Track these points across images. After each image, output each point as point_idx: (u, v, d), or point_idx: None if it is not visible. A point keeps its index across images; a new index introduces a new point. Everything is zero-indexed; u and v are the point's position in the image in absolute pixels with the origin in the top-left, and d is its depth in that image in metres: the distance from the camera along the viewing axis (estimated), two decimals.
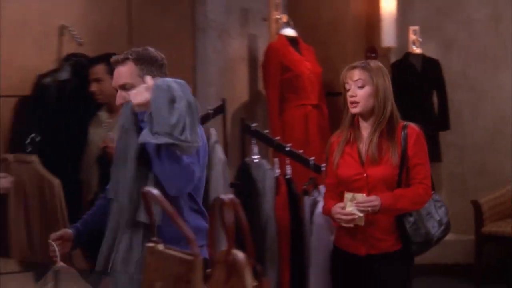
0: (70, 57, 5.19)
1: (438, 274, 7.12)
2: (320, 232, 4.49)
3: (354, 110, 3.69)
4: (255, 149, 4.64)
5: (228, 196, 2.05)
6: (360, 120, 3.74)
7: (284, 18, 5.81)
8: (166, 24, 5.73)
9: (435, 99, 7.36)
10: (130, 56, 3.41)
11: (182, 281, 1.92)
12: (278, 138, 4.77)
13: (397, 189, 3.67)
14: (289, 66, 5.62)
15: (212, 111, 4.77)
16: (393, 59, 6.58)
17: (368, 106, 3.67)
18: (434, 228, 3.81)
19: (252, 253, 2.06)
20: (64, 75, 5.12)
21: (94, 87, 4.92)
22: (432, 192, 3.80)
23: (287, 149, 4.59)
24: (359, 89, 3.66)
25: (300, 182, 4.65)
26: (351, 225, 3.64)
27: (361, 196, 3.63)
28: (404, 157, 3.67)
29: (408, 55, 7.29)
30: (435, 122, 7.34)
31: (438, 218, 3.85)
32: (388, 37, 5.91)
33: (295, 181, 4.65)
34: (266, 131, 5.01)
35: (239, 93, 5.92)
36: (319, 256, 4.48)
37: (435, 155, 7.42)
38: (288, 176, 4.61)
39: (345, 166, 3.74)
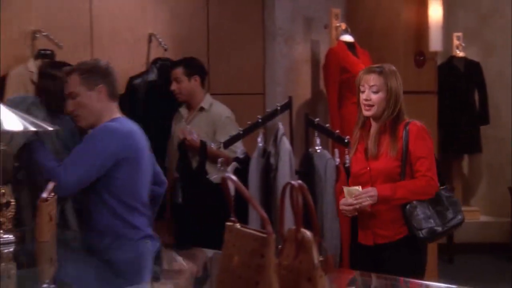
0: (156, 61, 5.23)
1: (478, 252, 7.03)
2: None
3: (367, 113, 3.55)
4: (318, 140, 4.61)
5: (297, 181, 2.03)
6: (371, 120, 3.61)
7: (343, 25, 5.77)
8: (239, 31, 5.73)
9: (476, 97, 7.27)
10: (75, 68, 3.41)
11: (257, 256, 1.91)
12: (337, 131, 4.73)
13: (393, 182, 3.50)
14: (347, 68, 5.58)
15: (279, 108, 4.76)
16: (439, 62, 6.49)
17: (381, 109, 3.53)
18: (444, 219, 3.53)
19: (318, 232, 2.03)
20: (152, 76, 5.16)
21: (173, 86, 4.96)
22: (443, 187, 3.58)
23: (346, 141, 4.55)
24: (373, 94, 3.52)
25: None
26: (356, 213, 3.53)
27: (355, 189, 3.49)
28: (406, 152, 3.49)
29: (452, 58, 7.19)
30: (477, 117, 7.26)
31: (448, 209, 3.56)
32: (435, 42, 5.82)
33: None
34: (327, 125, 4.98)
35: (303, 92, 5.89)
36: None
37: (476, 147, 7.31)
38: (347, 165, 4.58)
39: (355, 162, 3.65)
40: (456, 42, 7.18)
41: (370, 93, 3.52)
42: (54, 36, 4.76)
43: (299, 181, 2.04)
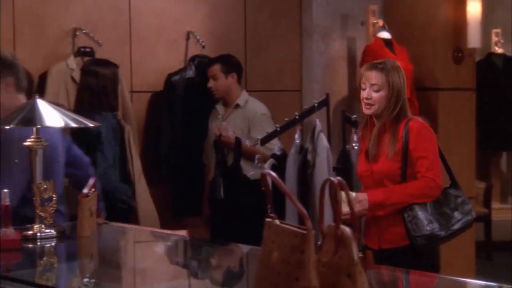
0: (194, 58, 5.26)
1: None
2: None
3: (367, 111, 3.35)
4: (355, 137, 4.60)
5: (336, 178, 2.03)
6: (374, 118, 3.39)
7: (380, 22, 5.73)
8: (277, 28, 5.73)
9: None
10: None
11: (297, 252, 1.91)
12: None
13: (394, 185, 3.27)
14: None
15: (317, 104, 4.75)
16: (477, 58, 6.41)
17: (381, 108, 3.32)
18: (448, 222, 3.29)
19: (357, 228, 2.03)
20: (190, 73, 5.19)
21: (211, 83, 4.98)
22: (448, 186, 3.34)
23: None
24: (374, 92, 3.31)
25: None
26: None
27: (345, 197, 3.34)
28: (406, 152, 3.27)
29: (491, 55, 7.12)
30: None
31: (454, 211, 3.32)
32: (473, 39, 5.75)
33: None
34: None
35: (339, 89, 5.87)
36: None
37: None
38: None
39: (360, 163, 3.46)
40: (494, 38, 7.10)
41: (371, 92, 3.32)
42: (93, 34, 4.81)
43: (339, 178, 2.04)
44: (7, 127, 3.19)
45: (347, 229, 1.96)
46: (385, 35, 5.69)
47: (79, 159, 3.73)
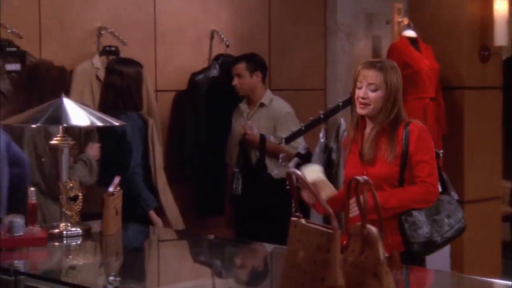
0: (218, 57, 5.26)
1: None
2: None
3: (362, 111, 3.19)
4: None
5: (362, 177, 2.03)
6: (367, 119, 3.24)
7: (406, 21, 5.71)
8: (301, 28, 5.72)
9: None
10: None
11: (323, 251, 1.91)
12: None
13: (393, 189, 3.13)
14: (410, 63, 5.52)
15: (341, 103, 4.74)
16: (504, 57, 6.36)
17: (377, 108, 3.17)
18: (442, 228, 3.15)
19: (383, 228, 2.03)
20: (214, 72, 5.20)
21: (235, 81, 4.99)
22: (444, 192, 3.24)
23: None
24: (371, 92, 3.15)
25: None
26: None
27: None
28: (406, 155, 3.13)
29: None
30: None
31: (447, 218, 3.19)
32: (500, 37, 5.70)
33: None
34: None
35: None
36: None
37: None
38: None
39: (350, 165, 3.26)
40: None
41: (368, 91, 3.16)
42: (118, 33, 4.83)
43: (365, 177, 2.04)
44: (34, 126, 3.22)
45: (373, 229, 1.95)
46: (411, 33, 5.66)
47: (18, 157, 3.63)
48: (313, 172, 3.15)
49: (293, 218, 2.07)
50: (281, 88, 5.49)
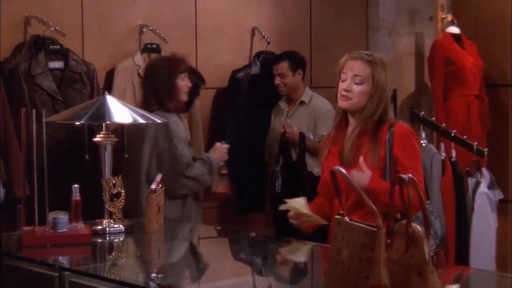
0: (259, 54, 5.27)
1: None
2: (481, 210, 4.38)
3: (342, 104, 2.94)
4: (423, 134, 4.55)
5: (407, 175, 2.02)
6: (349, 116, 3.00)
7: (449, 17, 5.66)
8: (342, 24, 5.70)
9: None
10: None
11: (367, 249, 1.91)
12: (443, 124, 4.65)
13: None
14: (453, 60, 5.48)
15: None
16: None
17: (360, 104, 2.92)
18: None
19: (429, 226, 2.02)
20: (255, 69, 5.21)
21: (278, 80, 4.99)
22: (428, 201, 3.12)
23: (453, 134, 4.47)
24: (356, 85, 2.91)
25: (463, 164, 4.54)
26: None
27: (298, 203, 2.97)
28: (390, 159, 2.90)
29: None
30: None
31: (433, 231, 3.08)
32: None
33: (459, 164, 4.53)
34: (433, 118, 4.90)
35: (407, 85, 5.82)
36: (480, 231, 4.37)
37: None
38: (453, 159, 4.50)
39: (328, 167, 2.90)
40: None
41: (352, 84, 2.91)
42: (160, 30, 4.87)
43: (410, 175, 2.03)
44: (77, 123, 3.27)
45: (418, 228, 1.95)
46: (454, 30, 5.62)
47: None
48: (295, 206, 3.00)
49: (336, 216, 2.07)
50: (322, 85, 5.48)
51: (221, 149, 4.17)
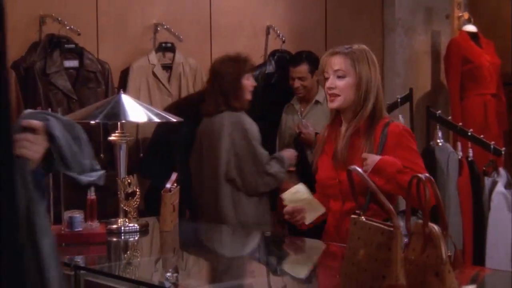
0: (274, 53, 5.27)
1: None
2: (498, 209, 4.36)
3: (332, 104, 2.86)
4: (439, 133, 4.54)
5: (424, 174, 2.02)
6: (342, 116, 2.92)
7: (466, 15, 5.64)
8: (358, 24, 5.69)
9: None
10: None
11: (384, 249, 1.90)
12: (460, 123, 4.64)
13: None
14: (470, 58, 5.46)
15: (400, 100, 4.71)
16: None
17: (349, 99, 2.83)
18: None
19: (446, 226, 2.01)
20: (269, 68, 5.21)
21: (297, 83, 4.94)
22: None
23: (469, 133, 4.45)
24: (338, 79, 2.82)
25: (480, 164, 4.52)
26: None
27: (299, 190, 2.91)
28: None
29: None
30: None
31: None
32: None
33: (476, 163, 4.52)
34: (449, 117, 4.89)
35: (423, 84, 5.80)
36: (497, 230, 4.34)
37: None
38: (470, 159, 4.48)
39: (321, 167, 2.92)
40: None
41: (335, 79, 2.82)
42: (174, 29, 4.88)
43: (427, 174, 2.02)
44: (92, 122, 3.28)
45: (435, 227, 1.94)
46: (471, 28, 5.60)
47: None
48: (294, 195, 2.93)
49: (353, 216, 2.07)
50: None
51: (291, 153, 4.29)
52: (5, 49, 0.92)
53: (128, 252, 3.22)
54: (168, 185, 3.31)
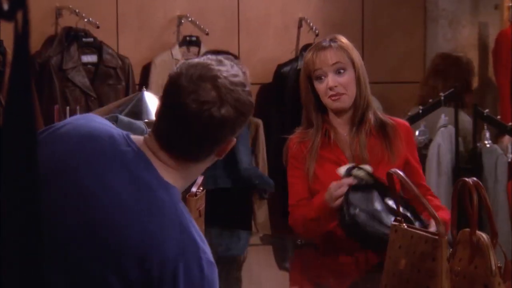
0: (307, 47, 5.27)
1: None
2: None
3: (339, 104, 2.69)
4: (487, 134, 4.52)
5: (472, 178, 2.01)
6: (332, 116, 2.75)
7: None
8: (398, 14, 5.68)
9: None
10: None
11: (428, 259, 1.90)
12: (510, 123, 4.60)
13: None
14: None
15: (443, 98, 4.69)
16: None
17: (353, 96, 2.70)
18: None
19: (495, 234, 2.00)
20: (301, 64, 5.19)
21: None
22: None
23: None
24: (339, 76, 2.66)
25: None
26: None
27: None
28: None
29: None
30: None
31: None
32: None
33: None
34: (498, 117, 4.86)
35: None
36: None
37: None
38: None
39: (328, 176, 2.66)
40: None
41: (335, 76, 2.66)
42: (200, 22, 4.91)
43: (474, 178, 2.02)
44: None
45: (484, 236, 1.93)
46: None
47: None
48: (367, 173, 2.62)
49: (393, 223, 2.07)
50: (375, 81, 5.41)
51: None
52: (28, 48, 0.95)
53: None
54: (193, 189, 3.32)
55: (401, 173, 2.03)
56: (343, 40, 2.74)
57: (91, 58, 4.40)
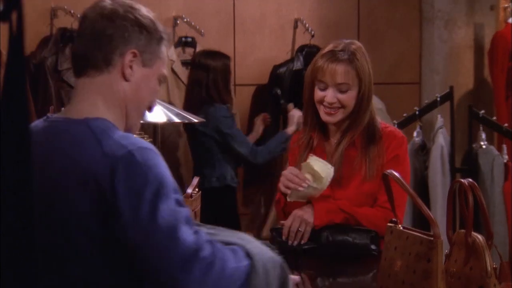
0: (302, 48, 5.28)
1: None
2: None
3: (329, 118, 2.67)
4: (483, 135, 4.53)
5: (467, 179, 2.02)
6: (330, 126, 2.75)
7: None
8: (393, 15, 5.68)
9: None
10: None
11: (423, 260, 1.91)
12: (506, 124, 4.62)
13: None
14: None
15: (439, 98, 4.70)
16: None
17: (349, 110, 2.67)
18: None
19: (491, 235, 2.01)
20: (297, 65, 5.21)
21: None
22: None
23: None
24: (341, 93, 2.64)
25: None
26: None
27: (320, 164, 2.57)
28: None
29: None
30: None
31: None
32: None
33: None
34: (494, 118, 4.87)
35: (465, 81, 5.77)
36: None
37: None
38: None
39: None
40: None
41: (336, 93, 2.64)
42: (195, 23, 4.91)
43: (470, 180, 2.02)
44: None
45: (479, 237, 1.94)
46: None
47: None
48: (322, 166, 2.60)
49: (389, 224, 2.08)
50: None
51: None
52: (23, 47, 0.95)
53: None
54: (189, 190, 3.32)
55: (396, 174, 2.03)
56: (359, 54, 2.68)
57: None
